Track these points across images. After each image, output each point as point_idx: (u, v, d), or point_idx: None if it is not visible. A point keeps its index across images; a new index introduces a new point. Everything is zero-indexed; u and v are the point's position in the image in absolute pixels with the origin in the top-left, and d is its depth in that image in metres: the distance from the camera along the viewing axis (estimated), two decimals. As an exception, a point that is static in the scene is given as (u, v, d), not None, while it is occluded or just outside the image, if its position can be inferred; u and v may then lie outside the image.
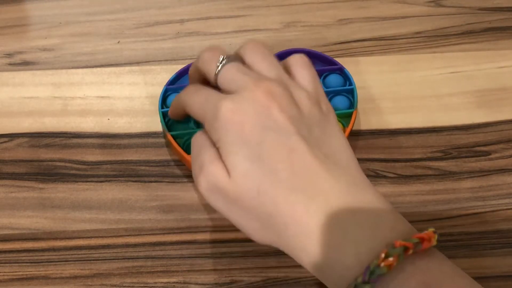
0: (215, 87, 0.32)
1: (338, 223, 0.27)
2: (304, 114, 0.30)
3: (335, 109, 0.40)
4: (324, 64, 0.43)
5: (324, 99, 0.32)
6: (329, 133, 0.30)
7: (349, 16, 0.48)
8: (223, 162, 0.29)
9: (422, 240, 0.26)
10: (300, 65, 0.32)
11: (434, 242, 0.26)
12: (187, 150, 0.39)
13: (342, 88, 0.41)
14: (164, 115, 0.40)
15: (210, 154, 0.30)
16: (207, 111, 0.30)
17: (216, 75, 0.31)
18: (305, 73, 0.32)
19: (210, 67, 0.32)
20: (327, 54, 0.43)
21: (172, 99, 0.41)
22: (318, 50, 0.43)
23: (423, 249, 0.26)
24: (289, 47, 0.45)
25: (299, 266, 0.35)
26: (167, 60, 0.45)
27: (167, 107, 0.41)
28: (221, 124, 0.29)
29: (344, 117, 0.40)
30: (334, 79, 0.42)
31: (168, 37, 0.47)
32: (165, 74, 0.44)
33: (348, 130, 0.39)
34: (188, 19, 0.48)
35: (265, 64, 0.31)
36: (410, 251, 0.25)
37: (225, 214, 0.30)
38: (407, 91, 0.43)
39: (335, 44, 0.46)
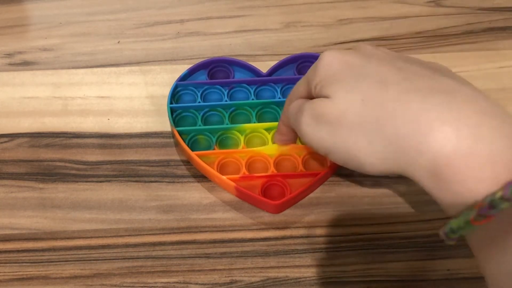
0: None
1: (467, 122, 0.23)
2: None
3: None
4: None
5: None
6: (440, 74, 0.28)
7: (349, 16, 0.48)
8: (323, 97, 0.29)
9: None
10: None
11: None
12: (192, 146, 0.39)
13: None
14: (172, 111, 0.40)
15: (308, 101, 0.30)
16: (305, 82, 0.31)
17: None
18: None
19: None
20: (327, 54, 0.43)
21: (182, 95, 0.41)
22: (318, 50, 0.43)
23: None
24: (289, 47, 0.45)
25: (299, 266, 0.35)
26: (167, 60, 0.45)
27: (176, 102, 0.41)
28: (321, 64, 0.29)
29: None
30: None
31: (168, 37, 0.47)
32: (165, 74, 0.44)
33: None
34: (188, 19, 0.48)
35: None
36: None
37: (329, 143, 0.28)
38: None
39: (335, 44, 0.46)
